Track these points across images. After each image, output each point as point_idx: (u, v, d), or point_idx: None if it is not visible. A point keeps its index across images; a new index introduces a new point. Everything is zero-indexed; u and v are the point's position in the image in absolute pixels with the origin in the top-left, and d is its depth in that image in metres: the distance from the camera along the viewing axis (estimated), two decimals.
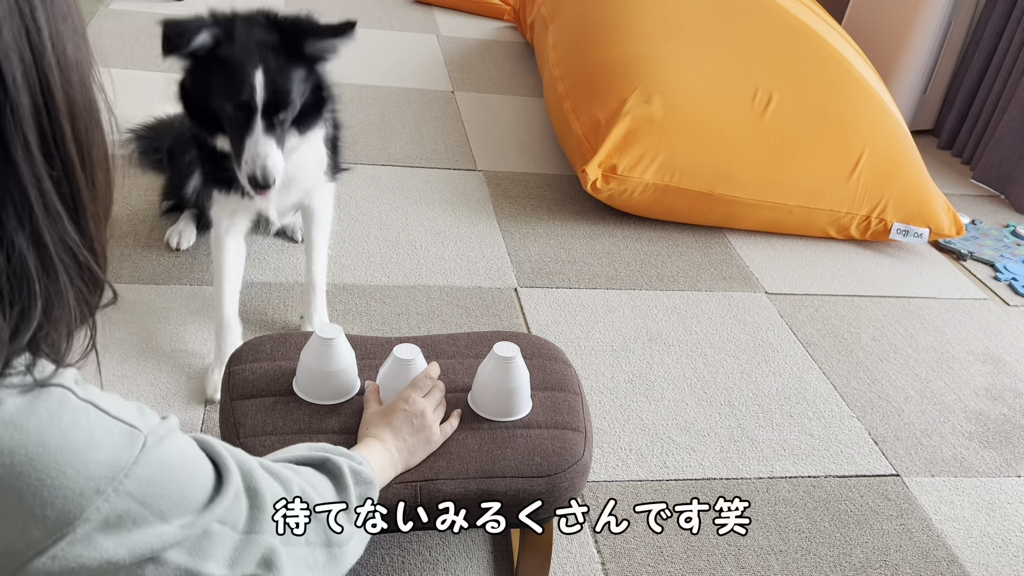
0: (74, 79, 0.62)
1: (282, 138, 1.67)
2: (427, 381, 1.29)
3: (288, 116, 1.67)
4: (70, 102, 0.62)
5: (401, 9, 4.26)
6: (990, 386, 2.23)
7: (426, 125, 3.12)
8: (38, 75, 0.59)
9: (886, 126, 2.78)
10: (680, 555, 1.61)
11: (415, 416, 1.23)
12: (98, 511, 0.64)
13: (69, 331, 0.65)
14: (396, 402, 1.24)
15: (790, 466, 1.86)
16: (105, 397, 0.67)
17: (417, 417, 1.23)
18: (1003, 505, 1.85)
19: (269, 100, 1.61)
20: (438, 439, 1.26)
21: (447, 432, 1.28)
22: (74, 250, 0.63)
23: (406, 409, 1.23)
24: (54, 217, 0.61)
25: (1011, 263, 2.82)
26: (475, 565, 1.54)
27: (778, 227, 2.74)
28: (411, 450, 1.22)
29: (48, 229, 0.61)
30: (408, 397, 1.24)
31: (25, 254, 0.60)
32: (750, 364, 2.16)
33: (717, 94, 2.67)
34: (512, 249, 2.48)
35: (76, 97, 0.62)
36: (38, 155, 0.60)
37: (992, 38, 3.48)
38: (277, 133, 1.65)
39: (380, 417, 1.23)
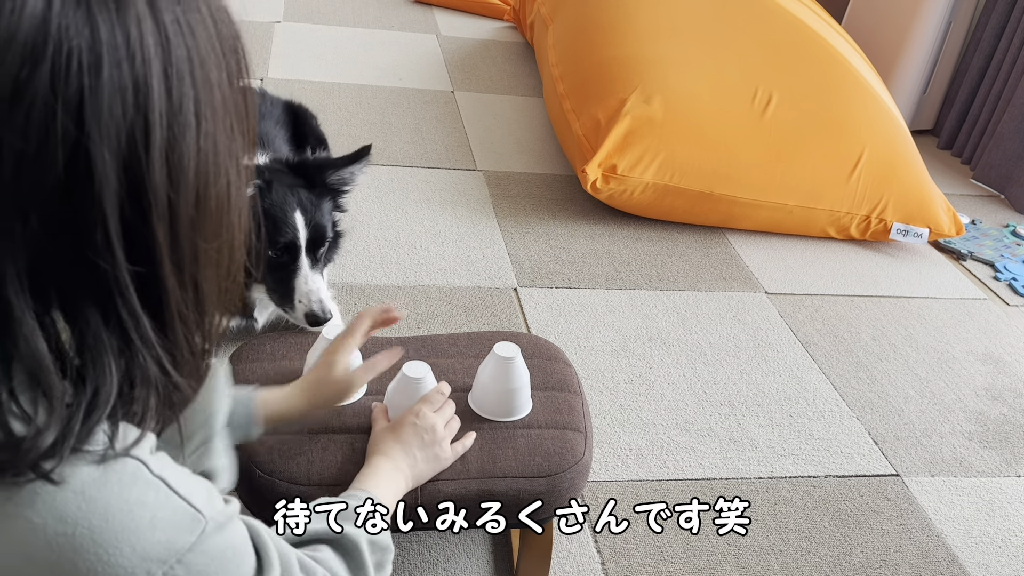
0: (181, 179, 0.59)
1: (323, 271, 1.74)
2: (439, 396, 1.25)
3: (325, 249, 1.74)
4: (169, 204, 0.58)
5: (401, 9, 4.26)
6: (990, 386, 2.23)
7: (426, 125, 3.12)
8: (133, 172, 0.56)
9: (886, 126, 2.78)
10: (680, 555, 1.61)
11: (425, 431, 1.19)
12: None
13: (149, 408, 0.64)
14: (406, 415, 1.20)
15: (790, 466, 1.86)
16: (176, 473, 0.66)
17: (428, 432, 1.19)
18: (1003, 505, 1.85)
19: (310, 238, 1.68)
20: (448, 456, 1.21)
21: (458, 452, 1.24)
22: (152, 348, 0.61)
23: (416, 423, 1.19)
24: (132, 311, 0.59)
25: (1011, 263, 2.82)
26: (475, 565, 1.54)
27: (778, 227, 2.74)
28: (420, 466, 1.18)
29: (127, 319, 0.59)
30: (419, 411, 1.20)
31: (102, 336, 0.59)
32: (750, 364, 2.16)
33: (717, 94, 2.67)
34: (512, 249, 2.48)
35: (184, 202, 0.59)
36: (119, 251, 0.57)
37: (992, 38, 3.48)
38: (320, 267, 1.72)
39: (389, 433, 1.19)
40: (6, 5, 0.50)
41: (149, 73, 0.55)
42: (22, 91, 0.51)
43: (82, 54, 0.52)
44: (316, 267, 1.71)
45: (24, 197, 0.53)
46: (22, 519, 0.58)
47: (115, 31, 0.53)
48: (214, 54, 0.60)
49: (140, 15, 0.55)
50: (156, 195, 0.57)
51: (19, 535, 0.58)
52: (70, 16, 0.52)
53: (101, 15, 0.53)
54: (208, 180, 0.60)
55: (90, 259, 0.56)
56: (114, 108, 0.54)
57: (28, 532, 0.58)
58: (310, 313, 1.69)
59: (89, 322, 0.58)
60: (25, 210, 0.53)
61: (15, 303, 0.55)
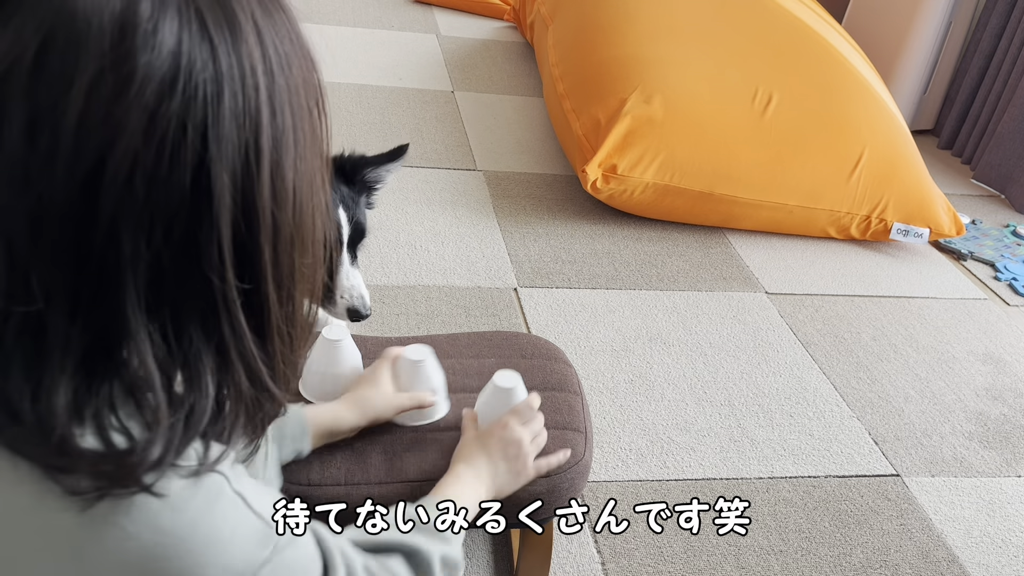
0: (286, 201, 0.63)
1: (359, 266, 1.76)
2: (528, 411, 1.23)
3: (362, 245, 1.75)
4: (275, 224, 0.62)
5: (401, 9, 4.26)
6: (990, 386, 2.22)
7: (426, 125, 3.12)
8: (246, 194, 0.60)
9: (886, 126, 2.78)
10: (680, 555, 1.61)
11: (511, 444, 1.17)
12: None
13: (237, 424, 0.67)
14: (494, 427, 1.19)
15: (790, 466, 1.86)
16: (251, 488, 0.69)
17: (513, 445, 1.17)
18: (1003, 505, 1.85)
19: (352, 233, 1.69)
20: (531, 474, 1.19)
21: (541, 469, 1.22)
22: (251, 363, 0.65)
23: (503, 436, 1.18)
24: (235, 327, 0.63)
25: (1011, 263, 2.82)
26: (475, 565, 1.54)
27: (778, 227, 2.74)
28: (501, 478, 1.17)
29: (229, 336, 0.62)
30: (506, 423, 1.19)
31: (202, 353, 0.62)
32: (750, 364, 2.16)
33: (717, 94, 2.67)
34: (512, 249, 2.48)
35: (283, 219, 0.63)
36: (230, 268, 0.60)
37: (992, 38, 3.48)
38: (357, 263, 1.73)
39: (476, 443, 1.18)
40: (148, 44, 0.54)
41: (260, 100, 0.60)
42: (156, 121, 0.55)
43: (207, 85, 0.57)
44: (354, 263, 1.72)
45: (151, 216, 0.57)
46: (118, 528, 0.60)
47: (232, 63, 0.58)
48: (304, 82, 0.65)
49: (251, 47, 0.60)
50: (264, 214, 0.61)
51: (114, 544, 0.60)
52: (196, 51, 0.56)
53: (220, 48, 0.58)
54: (303, 199, 0.64)
55: (202, 277, 0.60)
56: (231, 133, 0.58)
57: (123, 541, 0.60)
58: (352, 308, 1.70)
59: (192, 339, 0.61)
60: (150, 228, 0.57)
61: (132, 318, 0.58)
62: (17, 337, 0.57)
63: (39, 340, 0.57)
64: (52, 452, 0.58)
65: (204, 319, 0.61)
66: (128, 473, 0.60)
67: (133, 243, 0.56)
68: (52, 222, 0.55)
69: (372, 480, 1.21)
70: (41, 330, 0.57)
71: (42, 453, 0.58)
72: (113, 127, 0.54)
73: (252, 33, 0.60)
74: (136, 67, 0.54)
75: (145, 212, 0.56)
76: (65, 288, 0.56)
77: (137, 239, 0.56)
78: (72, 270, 0.56)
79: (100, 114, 0.54)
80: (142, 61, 0.54)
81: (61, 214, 0.55)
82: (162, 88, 0.55)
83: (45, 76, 0.53)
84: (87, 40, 0.53)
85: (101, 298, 0.58)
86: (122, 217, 0.56)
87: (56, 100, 0.53)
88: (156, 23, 0.55)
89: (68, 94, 0.53)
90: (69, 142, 0.53)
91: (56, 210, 0.54)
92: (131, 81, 0.54)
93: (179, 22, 0.56)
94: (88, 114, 0.53)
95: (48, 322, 0.57)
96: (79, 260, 0.56)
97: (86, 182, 0.54)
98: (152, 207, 0.56)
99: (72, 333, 0.57)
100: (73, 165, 0.54)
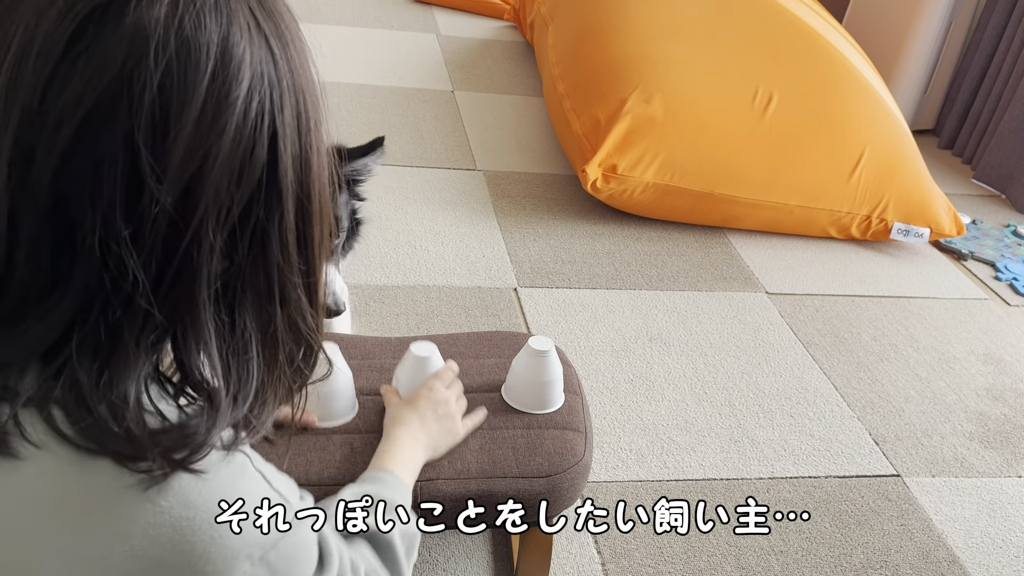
0: (324, 189, 0.71)
1: (339, 263, 1.74)
2: (449, 373, 1.30)
3: (341, 241, 1.74)
4: (322, 211, 0.71)
5: (401, 8, 4.26)
6: (991, 386, 2.22)
7: (426, 125, 3.12)
8: (303, 188, 0.68)
9: (887, 126, 2.77)
10: (680, 555, 1.61)
11: (439, 404, 1.24)
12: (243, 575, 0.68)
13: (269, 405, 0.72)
14: (420, 390, 1.26)
15: (790, 466, 1.86)
16: (269, 467, 0.74)
17: (441, 405, 1.24)
18: (1004, 506, 1.85)
19: None
20: (461, 432, 1.26)
21: (469, 427, 1.28)
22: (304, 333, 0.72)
23: (430, 397, 1.24)
24: (295, 306, 0.70)
25: (1012, 263, 2.82)
26: (475, 565, 1.54)
27: (779, 227, 2.74)
28: (436, 437, 1.23)
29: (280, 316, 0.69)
30: (432, 385, 1.26)
31: (252, 336, 0.68)
32: (750, 364, 2.16)
33: (718, 94, 2.67)
34: (512, 249, 2.48)
35: (325, 204, 0.71)
36: (294, 253, 0.68)
37: (992, 38, 3.47)
38: (335, 259, 1.72)
39: (406, 406, 1.24)
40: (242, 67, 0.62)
41: (305, 101, 0.68)
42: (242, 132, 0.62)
43: (273, 94, 0.64)
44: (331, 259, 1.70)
45: (229, 212, 0.63)
46: (151, 503, 0.64)
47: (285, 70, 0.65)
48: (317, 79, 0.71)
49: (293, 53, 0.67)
50: (315, 202, 0.69)
51: (149, 518, 0.64)
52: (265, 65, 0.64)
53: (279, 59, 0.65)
54: (326, 183, 0.72)
55: (267, 264, 0.67)
56: (293, 134, 0.66)
57: (156, 515, 0.64)
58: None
59: (246, 324, 0.67)
60: (226, 221, 0.63)
61: (201, 308, 0.64)
62: (95, 331, 0.61)
63: (116, 332, 0.61)
64: (121, 439, 0.62)
65: (260, 304, 0.68)
66: (189, 452, 0.64)
67: (212, 238, 0.62)
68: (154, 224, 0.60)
69: None
70: (119, 323, 0.61)
71: (112, 442, 0.62)
72: (213, 143, 0.60)
73: (291, 39, 0.67)
74: (232, 91, 0.61)
75: (225, 210, 0.63)
76: (151, 282, 0.61)
77: (216, 234, 0.62)
78: (159, 265, 0.61)
79: (205, 132, 0.60)
80: (235, 84, 0.61)
81: (163, 216, 0.60)
82: (246, 103, 0.62)
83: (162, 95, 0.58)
84: (198, 66, 0.59)
85: (176, 289, 0.62)
86: (208, 216, 0.62)
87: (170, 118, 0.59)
88: (243, 48, 0.62)
89: (182, 116, 0.59)
90: (179, 157, 0.59)
91: (160, 214, 0.60)
92: (230, 103, 0.61)
93: (252, 41, 0.63)
94: (197, 133, 0.60)
95: (129, 314, 0.61)
96: (166, 255, 0.61)
97: (186, 189, 0.60)
98: (231, 205, 0.63)
99: (147, 325, 0.62)
100: (180, 176, 0.60)
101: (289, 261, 0.68)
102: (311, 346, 0.73)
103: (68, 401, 0.61)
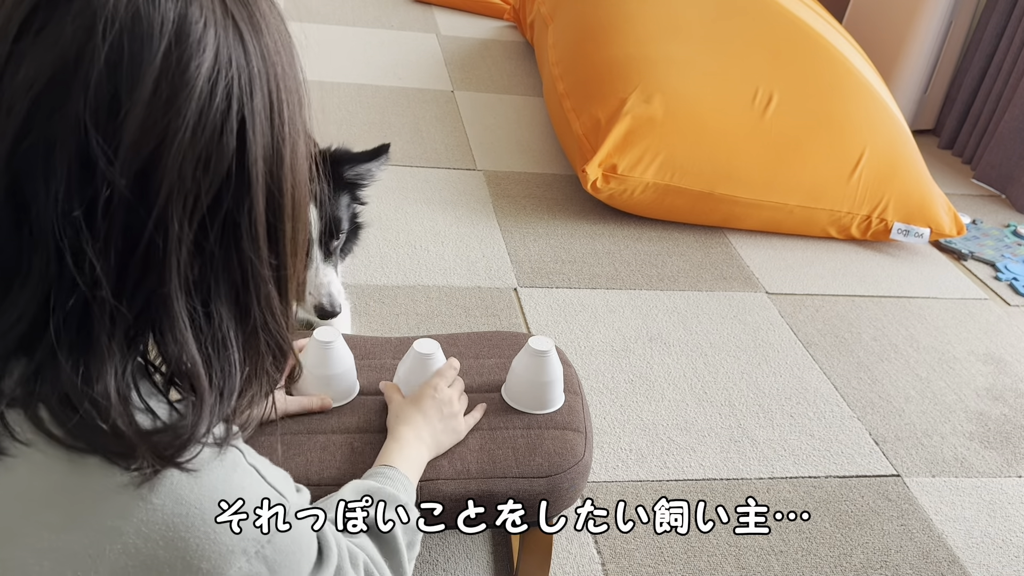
0: (299, 181, 0.69)
1: (337, 264, 1.75)
2: (451, 371, 1.30)
3: (340, 243, 1.75)
4: (294, 202, 0.69)
5: (401, 8, 4.26)
6: (991, 386, 2.22)
7: (426, 125, 3.12)
8: (276, 177, 0.66)
9: (887, 126, 2.77)
10: (680, 555, 1.61)
11: (444, 403, 1.24)
12: (239, 571, 0.68)
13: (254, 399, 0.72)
14: (424, 389, 1.25)
15: (790, 466, 1.86)
16: (262, 462, 0.73)
17: (446, 404, 1.24)
18: (1004, 506, 1.85)
19: (324, 229, 1.68)
20: (463, 430, 1.27)
21: (470, 424, 1.29)
22: (273, 330, 0.70)
23: (435, 396, 1.24)
24: (266, 300, 0.69)
25: (1012, 263, 2.82)
26: (475, 565, 1.54)
27: (779, 227, 2.74)
28: (440, 436, 1.23)
29: (257, 309, 0.68)
30: (436, 384, 1.25)
31: (230, 328, 0.67)
32: (750, 364, 2.16)
33: (718, 94, 2.67)
34: (512, 249, 2.48)
35: (299, 198, 0.70)
36: (264, 247, 0.67)
37: (993, 38, 3.47)
38: (333, 260, 1.73)
39: (410, 405, 1.23)
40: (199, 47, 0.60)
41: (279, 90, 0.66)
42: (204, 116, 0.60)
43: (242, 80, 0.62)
44: (329, 260, 1.71)
45: (196, 201, 0.61)
46: (143, 500, 0.63)
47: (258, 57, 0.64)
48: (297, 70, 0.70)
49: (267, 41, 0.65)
50: (287, 194, 0.68)
51: (141, 515, 0.63)
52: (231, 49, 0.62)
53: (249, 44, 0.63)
54: (303, 178, 0.71)
55: (238, 256, 0.65)
56: (263, 122, 0.64)
57: (149, 512, 0.64)
58: (319, 305, 1.70)
59: (223, 316, 0.66)
60: (195, 213, 0.61)
61: (174, 300, 0.62)
62: (64, 324, 0.60)
63: (85, 326, 0.60)
64: (108, 437, 0.61)
65: (235, 296, 0.67)
66: (177, 448, 0.64)
67: (179, 227, 0.61)
68: (109, 207, 0.58)
69: None
70: (87, 315, 0.60)
71: (100, 440, 0.61)
72: (170, 123, 0.59)
73: (265, 27, 0.65)
74: (189, 69, 0.59)
75: (192, 198, 0.61)
76: (114, 271, 0.60)
77: (183, 223, 0.61)
78: (121, 253, 0.60)
79: (160, 111, 0.58)
80: (194, 64, 0.59)
81: (118, 200, 0.58)
82: (209, 86, 0.60)
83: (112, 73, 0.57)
84: (150, 42, 0.58)
85: (145, 280, 0.61)
86: (172, 203, 0.60)
87: (120, 96, 0.57)
88: (203, 26, 0.60)
89: (133, 94, 0.57)
90: (132, 137, 0.58)
91: (114, 196, 0.58)
92: (187, 82, 0.59)
93: (216, 23, 0.61)
94: (150, 113, 0.58)
95: (95, 307, 0.60)
96: (129, 244, 0.60)
97: (142, 172, 0.59)
98: (198, 193, 0.61)
99: (117, 317, 0.61)
100: (133, 157, 0.58)
101: (259, 255, 0.66)
102: (279, 343, 0.72)
103: (51, 400, 0.61)
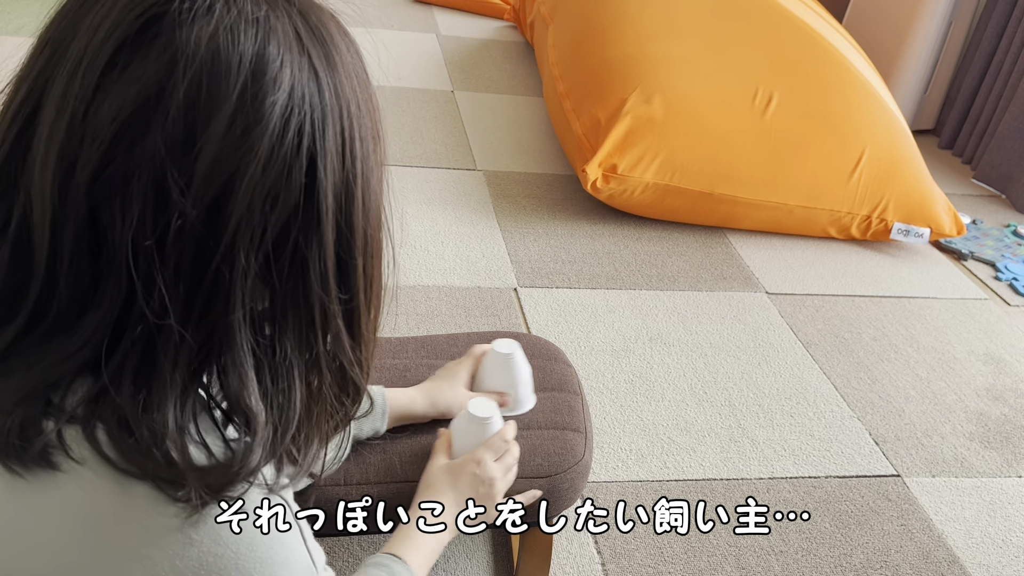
0: (372, 217, 0.69)
1: None
2: (501, 444, 1.18)
3: None
4: (366, 239, 0.68)
5: (401, 8, 4.26)
6: (991, 386, 2.22)
7: (426, 125, 3.12)
8: (346, 213, 0.66)
9: (887, 126, 2.77)
10: (680, 555, 1.61)
11: (483, 483, 1.13)
12: None
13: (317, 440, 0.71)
14: (467, 463, 1.15)
15: (790, 466, 1.86)
16: (306, 527, 0.72)
17: (484, 484, 1.14)
18: (1004, 506, 1.85)
19: None
20: (494, 514, 1.16)
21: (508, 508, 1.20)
22: (345, 367, 0.70)
23: (476, 473, 1.14)
24: (335, 336, 0.68)
25: (1012, 263, 2.82)
26: (475, 565, 1.53)
27: (779, 227, 2.74)
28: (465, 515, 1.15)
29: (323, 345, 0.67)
30: (481, 460, 1.15)
31: (294, 364, 0.66)
32: (750, 364, 2.16)
33: (718, 94, 2.67)
34: (512, 249, 2.48)
35: (371, 234, 0.69)
36: (332, 282, 0.66)
37: (993, 38, 3.47)
38: None
39: (447, 475, 1.14)
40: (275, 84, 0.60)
41: (353, 126, 0.66)
42: (276, 152, 0.61)
43: (314, 116, 0.63)
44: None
45: (263, 235, 0.62)
46: (183, 533, 0.63)
47: (331, 93, 0.64)
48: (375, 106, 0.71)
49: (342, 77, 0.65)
50: (358, 230, 0.67)
51: (177, 548, 0.63)
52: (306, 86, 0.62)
53: (323, 81, 0.64)
54: (377, 215, 0.70)
55: (306, 291, 0.65)
56: (334, 159, 0.64)
57: (186, 547, 0.63)
58: None
59: (287, 352, 0.66)
60: (263, 247, 0.62)
61: (237, 332, 0.63)
62: (131, 350, 0.61)
63: (150, 353, 0.61)
64: (161, 464, 0.61)
65: (300, 332, 0.66)
66: (226, 482, 0.63)
67: (247, 260, 0.61)
68: (179, 238, 0.59)
69: (371, 480, 1.21)
70: (152, 343, 0.61)
71: (151, 466, 0.61)
72: (242, 158, 0.60)
73: (341, 64, 0.66)
74: (264, 106, 0.60)
75: (260, 232, 0.61)
76: (182, 300, 0.61)
77: (249, 256, 0.61)
78: (189, 283, 0.61)
79: (233, 146, 0.59)
80: (269, 100, 0.60)
81: (188, 230, 0.59)
82: (282, 122, 0.61)
83: (189, 109, 0.58)
84: (227, 79, 0.59)
85: (210, 311, 0.62)
86: (240, 236, 0.61)
87: (196, 131, 0.58)
88: (280, 64, 0.61)
89: (208, 129, 0.59)
90: (205, 170, 0.59)
91: (185, 227, 0.59)
92: (261, 118, 0.60)
93: (292, 61, 0.62)
94: (224, 147, 0.59)
95: (161, 335, 0.60)
96: (196, 274, 0.61)
97: (213, 205, 0.60)
98: (267, 227, 0.62)
99: (182, 346, 0.61)
100: (205, 189, 0.59)
101: (327, 290, 0.66)
102: (353, 381, 0.71)
103: (111, 422, 0.61)
